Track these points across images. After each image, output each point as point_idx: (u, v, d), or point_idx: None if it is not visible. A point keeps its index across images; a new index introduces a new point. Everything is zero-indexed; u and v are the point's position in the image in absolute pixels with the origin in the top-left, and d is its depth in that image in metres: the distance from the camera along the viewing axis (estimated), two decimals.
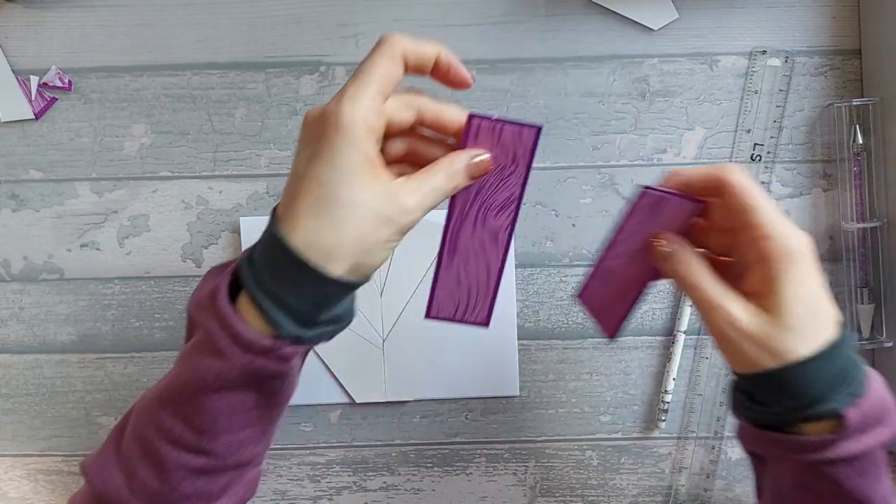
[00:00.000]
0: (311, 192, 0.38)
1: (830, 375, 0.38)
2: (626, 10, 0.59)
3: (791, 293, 0.38)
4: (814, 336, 0.38)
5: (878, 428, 0.39)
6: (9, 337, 0.61)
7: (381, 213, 0.38)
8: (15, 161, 0.60)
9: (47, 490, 0.62)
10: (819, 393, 0.38)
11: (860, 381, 0.39)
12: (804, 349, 0.38)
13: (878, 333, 0.58)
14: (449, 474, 0.61)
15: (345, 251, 0.38)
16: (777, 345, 0.38)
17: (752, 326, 0.38)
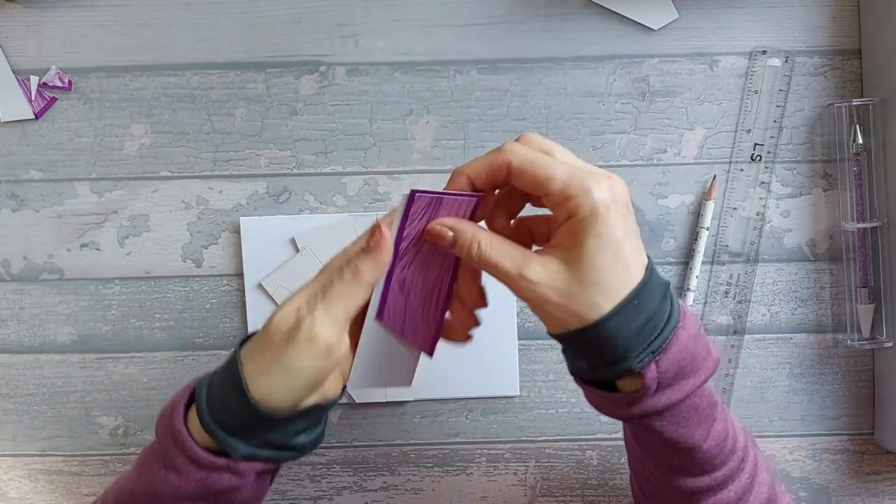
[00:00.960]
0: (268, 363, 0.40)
1: (633, 329, 0.38)
2: (626, 10, 0.59)
3: (592, 247, 0.37)
4: (617, 288, 0.38)
5: (682, 381, 0.39)
6: (9, 337, 0.61)
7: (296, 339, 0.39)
8: (15, 161, 0.60)
9: (47, 490, 0.62)
10: (620, 351, 0.38)
11: (665, 333, 0.38)
12: (607, 304, 0.37)
13: (878, 333, 0.58)
14: (449, 474, 0.61)
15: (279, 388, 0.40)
16: (579, 305, 0.38)
17: (554, 289, 0.38)
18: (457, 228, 0.40)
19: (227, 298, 0.60)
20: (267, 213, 0.60)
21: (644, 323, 0.38)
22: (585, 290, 0.38)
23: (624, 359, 0.38)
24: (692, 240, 0.60)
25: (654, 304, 0.39)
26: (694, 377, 0.39)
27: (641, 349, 0.38)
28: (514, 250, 0.39)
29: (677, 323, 0.39)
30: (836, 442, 0.61)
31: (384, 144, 0.59)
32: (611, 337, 0.38)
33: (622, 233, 0.38)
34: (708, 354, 0.40)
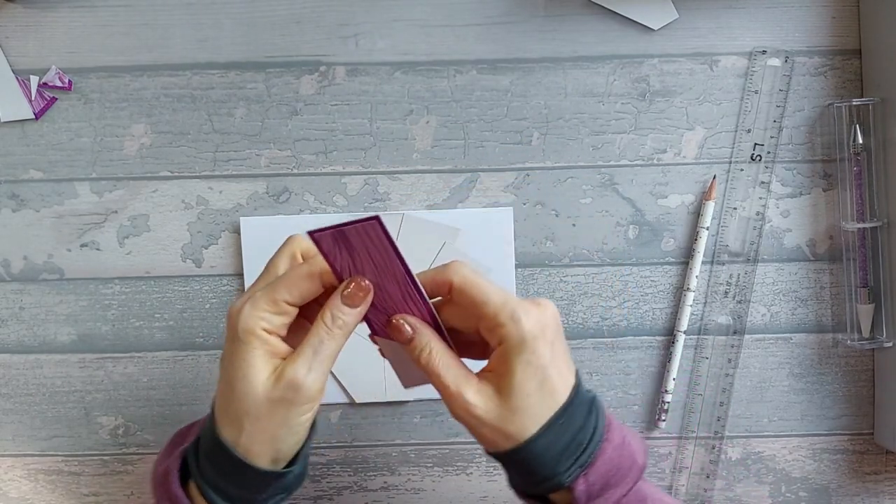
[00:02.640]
0: (222, 389, 0.42)
1: (560, 447, 0.41)
2: (626, 10, 0.59)
3: (521, 376, 0.40)
4: (543, 412, 0.41)
5: (610, 490, 0.41)
6: (9, 337, 0.61)
7: (274, 398, 0.40)
8: (15, 161, 0.60)
9: (47, 490, 0.62)
10: (548, 469, 0.41)
11: (590, 448, 0.41)
12: (533, 426, 0.40)
13: (878, 333, 0.58)
14: (449, 474, 0.61)
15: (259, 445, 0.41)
16: (508, 428, 0.40)
17: (487, 413, 0.40)
18: (417, 330, 0.42)
19: (227, 298, 0.60)
20: (267, 213, 0.60)
21: (570, 440, 0.41)
22: (514, 415, 0.40)
23: (553, 475, 0.41)
24: (692, 240, 0.60)
25: (580, 420, 0.41)
26: (621, 486, 0.42)
27: (569, 465, 0.41)
28: (459, 370, 0.41)
29: (602, 437, 0.41)
30: (836, 442, 0.61)
31: (384, 144, 0.59)
32: (539, 455, 0.40)
33: (549, 360, 0.40)
34: (633, 463, 0.42)
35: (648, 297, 0.60)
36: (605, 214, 0.60)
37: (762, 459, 0.61)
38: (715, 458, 0.61)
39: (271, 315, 0.40)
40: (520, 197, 0.60)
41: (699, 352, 0.60)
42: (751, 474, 0.61)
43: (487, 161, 0.60)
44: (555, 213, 0.60)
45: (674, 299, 0.60)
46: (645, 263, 0.60)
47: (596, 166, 0.60)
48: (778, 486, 0.61)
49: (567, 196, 0.60)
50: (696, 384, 0.60)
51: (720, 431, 0.60)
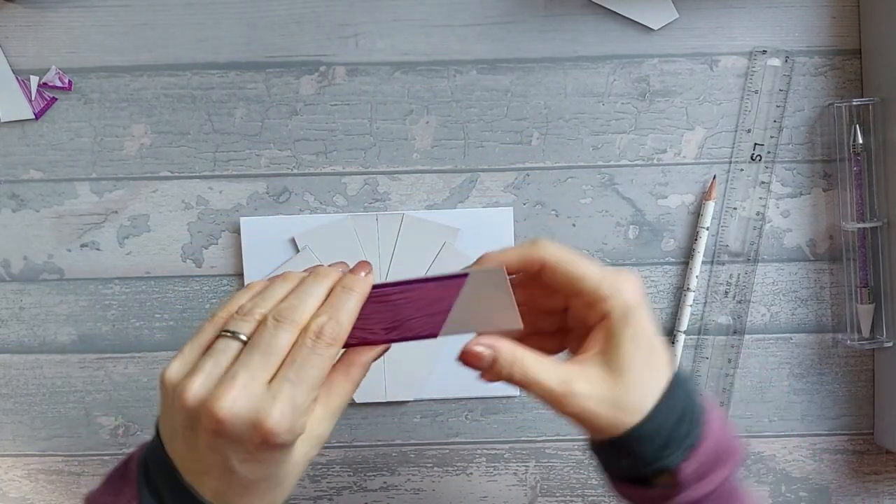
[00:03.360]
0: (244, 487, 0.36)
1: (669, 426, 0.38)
2: (626, 10, 0.59)
3: (631, 347, 0.38)
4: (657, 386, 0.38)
5: (716, 471, 0.39)
6: (9, 337, 0.61)
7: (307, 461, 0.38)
8: (15, 161, 0.60)
9: (47, 490, 0.62)
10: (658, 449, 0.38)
11: (697, 428, 0.39)
12: (649, 403, 0.38)
13: (879, 333, 0.58)
14: (449, 474, 0.61)
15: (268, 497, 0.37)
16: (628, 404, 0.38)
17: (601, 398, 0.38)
18: (497, 347, 0.38)
19: (227, 298, 0.60)
20: (267, 213, 0.60)
21: (679, 418, 0.38)
22: (630, 392, 0.38)
23: (661, 457, 0.38)
24: (692, 240, 0.60)
25: (687, 399, 0.39)
26: (725, 467, 0.39)
27: (678, 445, 0.38)
28: (554, 366, 0.38)
29: (704, 417, 0.39)
30: (836, 442, 0.61)
31: (384, 144, 0.59)
32: (651, 436, 0.38)
33: (653, 330, 0.39)
34: (734, 443, 0.40)
35: (648, 297, 0.60)
36: (605, 214, 0.60)
37: (762, 459, 0.61)
38: None
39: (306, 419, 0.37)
40: (520, 197, 0.60)
41: (699, 352, 0.60)
42: (751, 474, 0.61)
43: (487, 161, 0.60)
44: (555, 213, 0.60)
45: (674, 299, 0.60)
46: (645, 263, 0.60)
47: (596, 166, 0.60)
48: (778, 486, 0.61)
49: (567, 196, 0.60)
50: (696, 384, 0.60)
51: None
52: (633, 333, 0.38)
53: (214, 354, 0.36)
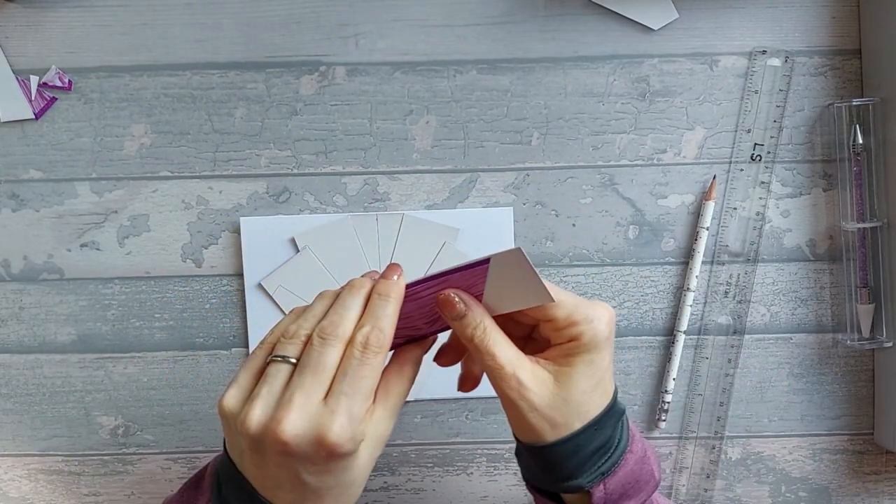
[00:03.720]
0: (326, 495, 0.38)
1: (591, 450, 0.41)
2: (626, 10, 0.59)
3: (583, 372, 0.40)
4: (590, 411, 0.41)
5: (626, 500, 0.42)
6: (9, 337, 0.61)
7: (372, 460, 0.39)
8: (15, 161, 0.60)
9: (47, 490, 0.62)
10: (574, 469, 0.41)
11: (615, 456, 0.42)
12: (578, 423, 0.41)
13: (878, 333, 0.58)
14: (449, 474, 0.61)
15: None
16: (558, 418, 0.40)
17: (540, 399, 0.40)
18: (470, 306, 0.40)
19: (227, 298, 0.60)
20: (267, 213, 0.60)
21: (600, 445, 0.41)
22: (567, 406, 0.40)
23: (576, 476, 0.41)
24: (692, 240, 0.60)
25: (610, 429, 0.42)
26: (636, 498, 0.43)
27: (593, 469, 0.41)
28: (512, 349, 0.41)
29: (626, 448, 0.42)
30: (836, 442, 0.61)
31: (384, 144, 0.59)
32: (572, 453, 0.41)
33: (607, 365, 0.41)
34: (651, 477, 0.44)
35: (648, 297, 0.60)
36: (605, 214, 0.60)
37: (762, 459, 0.61)
38: (715, 458, 0.61)
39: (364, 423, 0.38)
40: (520, 197, 0.60)
41: (699, 352, 0.60)
42: (751, 474, 0.61)
43: (487, 161, 0.60)
44: (555, 213, 0.60)
45: (674, 299, 0.60)
46: (645, 263, 0.60)
47: (596, 166, 0.60)
48: (778, 486, 0.61)
49: (567, 196, 0.60)
50: (696, 384, 0.60)
51: (720, 431, 0.60)
52: (590, 362, 0.40)
53: (268, 380, 0.38)
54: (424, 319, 0.42)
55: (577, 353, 0.40)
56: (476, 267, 0.40)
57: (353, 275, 0.58)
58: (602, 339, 0.40)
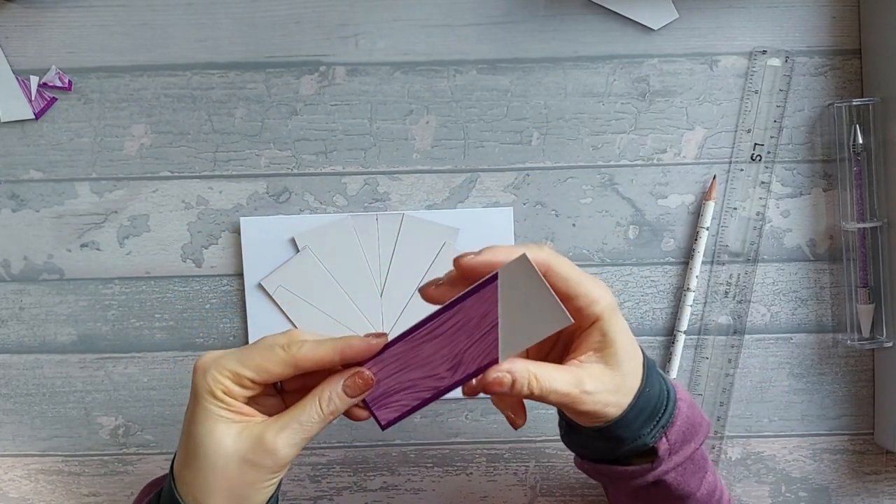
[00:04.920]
0: (184, 445, 0.41)
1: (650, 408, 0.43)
2: (626, 10, 0.59)
3: (623, 339, 0.42)
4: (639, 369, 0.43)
5: (687, 445, 0.45)
6: (9, 337, 0.61)
7: (246, 458, 0.40)
8: (15, 161, 0.60)
9: (47, 490, 0.62)
10: (638, 430, 0.43)
11: (669, 409, 0.44)
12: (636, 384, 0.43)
13: (879, 333, 0.58)
14: (449, 474, 0.61)
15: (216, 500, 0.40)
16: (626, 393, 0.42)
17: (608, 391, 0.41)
18: (512, 370, 0.40)
19: (227, 298, 0.60)
20: (267, 213, 0.60)
21: (655, 401, 0.43)
22: (626, 380, 0.42)
23: (641, 436, 0.43)
24: (692, 240, 0.60)
25: (657, 381, 0.44)
26: (695, 440, 0.45)
27: (655, 425, 0.43)
28: (562, 372, 0.41)
29: (676, 396, 0.44)
30: (836, 442, 0.61)
31: (384, 144, 0.59)
32: (635, 418, 0.42)
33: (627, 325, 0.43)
34: (702, 419, 0.46)
35: (648, 297, 0.60)
36: (605, 214, 0.60)
37: (762, 459, 0.61)
38: (715, 458, 0.61)
39: (232, 384, 0.40)
40: (520, 197, 0.60)
41: (699, 352, 0.60)
42: (751, 474, 0.61)
43: (487, 161, 0.60)
44: (555, 213, 0.60)
45: (674, 299, 0.60)
46: (645, 263, 0.60)
47: (596, 166, 0.60)
48: (778, 486, 0.61)
49: (567, 196, 0.60)
50: (696, 384, 0.60)
51: (720, 431, 0.60)
52: (621, 329, 0.42)
53: None
54: (447, 366, 0.41)
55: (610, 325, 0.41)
56: (485, 287, 0.40)
57: (353, 275, 0.59)
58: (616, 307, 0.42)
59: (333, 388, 0.41)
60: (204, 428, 0.40)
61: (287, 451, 0.40)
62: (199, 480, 0.40)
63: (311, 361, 0.40)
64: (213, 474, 0.40)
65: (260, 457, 0.40)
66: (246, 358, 0.40)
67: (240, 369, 0.40)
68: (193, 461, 0.40)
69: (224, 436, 0.40)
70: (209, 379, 0.40)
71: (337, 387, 0.41)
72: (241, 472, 0.40)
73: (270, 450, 0.40)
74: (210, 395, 0.40)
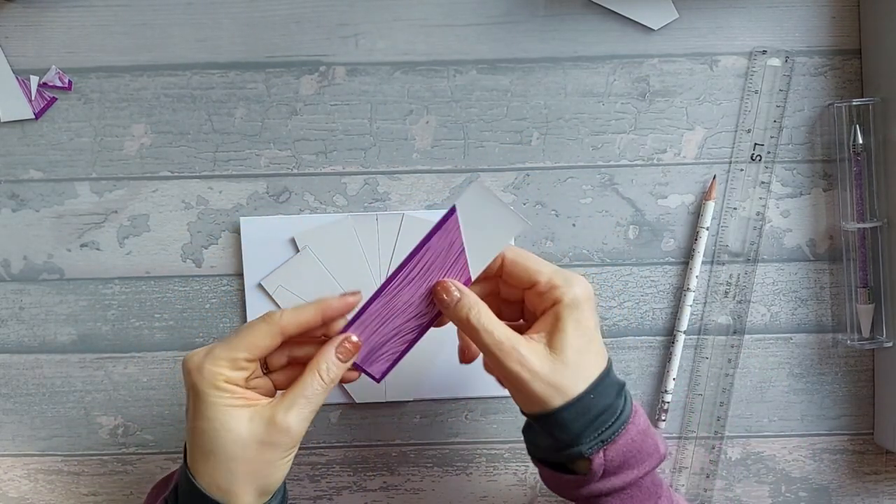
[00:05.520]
0: (200, 444, 0.42)
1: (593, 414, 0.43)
2: (626, 10, 0.59)
3: (573, 332, 0.43)
4: (588, 374, 0.43)
5: (629, 470, 0.44)
6: (9, 337, 0.61)
7: (262, 440, 0.42)
8: (15, 161, 0.60)
9: (47, 490, 0.62)
10: (577, 434, 0.43)
11: (614, 427, 0.43)
12: (583, 384, 0.43)
13: (878, 333, 0.58)
14: (449, 474, 0.61)
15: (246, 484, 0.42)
16: (562, 381, 0.42)
17: (542, 367, 0.42)
18: (463, 292, 0.45)
19: (227, 298, 0.60)
20: (267, 213, 0.60)
21: (602, 411, 0.43)
22: (567, 369, 0.43)
23: (579, 443, 0.43)
24: (692, 240, 0.60)
25: (611, 398, 0.44)
26: (639, 468, 0.44)
27: (595, 436, 0.43)
28: (505, 328, 0.44)
29: (628, 419, 0.44)
30: (836, 442, 0.61)
31: (384, 144, 0.59)
32: (575, 418, 0.43)
33: (594, 325, 0.44)
34: (655, 450, 0.45)
35: (648, 297, 0.60)
36: (605, 214, 0.60)
37: (762, 459, 0.61)
38: (715, 458, 0.61)
39: (230, 371, 0.42)
40: (520, 197, 0.60)
41: (699, 352, 0.60)
42: (751, 474, 0.61)
43: (487, 161, 0.60)
44: (555, 213, 0.60)
45: (674, 299, 0.60)
46: (645, 263, 0.60)
47: (596, 166, 0.60)
48: (778, 486, 0.61)
49: (567, 196, 0.60)
50: (696, 384, 0.60)
51: (720, 431, 0.60)
52: (577, 320, 0.43)
53: None
54: (425, 303, 0.46)
55: (563, 315, 0.43)
56: (445, 223, 0.44)
57: (352, 275, 0.59)
58: (583, 299, 0.44)
59: (328, 358, 0.43)
60: (215, 422, 0.41)
61: (299, 426, 0.42)
62: (222, 471, 0.42)
63: (294, 325, 0.43)
64: (235, 462, 0.41)
65: (275, 437, 0.42)
66: (234, 342, 0.42)
67: (232, 353, 0.42)
68: (211, 455, 0.42)
69: (237, 424, 0.41)
70: (206, 374, 0.42)
71: (330, 355, 0.44)
72: (261, 454, 0.42)
73: (283, 428, 0.42)
74: (213, 389, 0.41)
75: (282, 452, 0.42)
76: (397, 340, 0.47)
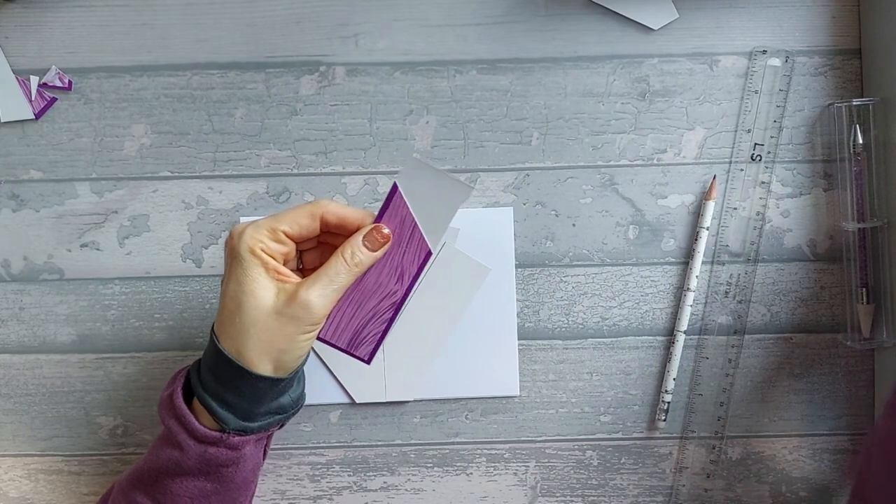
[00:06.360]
0: (226, 306, 0.46)
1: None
2: (626, 10, 0.59)
3: None
4: None
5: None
6: (9, 337, 0.61)
7: (283, 313, 0.45)
8: (15, 161, 0.60)
9: (47, 490, 0.62)
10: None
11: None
12: None
13: (878, 333, 0.58)
14: (449, 474, 0.61)
15: (262, 352, 0.45)
16: None
17: None
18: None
19: None
20: (267, 213, 0.60)
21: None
22: None
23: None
24: (692, 240, 0.60)
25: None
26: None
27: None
28: None
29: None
30: (836, 442, 0.61)
31: (384, 144, 0.59)
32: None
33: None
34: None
35: (648, 297, 0.60)
36: (605, 214, 0.60)
37: (762, 459, 0.61)
38: (715, 458, 0.61)
39: (270, 241, 0.46)
40: (520, 197, 0.60)
41: (699, 352, 0.60)
42: (751, 474, 0.61)
43: (487, 161, 0.60)
44: (555, 213, 0.60)
45: (674, 299, 0.60)
46: (645, 263, 0.60)
47: (596, 166, 0.60)
48: (778, 486, 0.61)
49: (567, 196, 0.60)
50: (697, 384, 0.60)
51: (720, 431, 0.60)
52: None
53: None
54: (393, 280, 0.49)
55: None
56: (392, 198, 0.47)
57: None
58: None
59: (355, 243, 0.47)
60: (245, 286, 0.45)
61: (319, 301, 0.45)
62: (242, 334, 0.45)
63: (335, 216, 0.47)
64: (255, 327, 0.45)
65: (295, 310, 0.45)
66: (278, 216, 0.46)
67: (275, 224, 0.46)
68: (236, 317, 0.45)
69: (264, 293, 0.45)
70: (246, 238, 0.45)
71: (358, 241, 0.47)
72: (280, 324, 0.45)
73: (304, 303, 0.45)
74: (251, 254, 0.45)
75: (300, 327, 0.45)
76: (376, 321, 0.50)
